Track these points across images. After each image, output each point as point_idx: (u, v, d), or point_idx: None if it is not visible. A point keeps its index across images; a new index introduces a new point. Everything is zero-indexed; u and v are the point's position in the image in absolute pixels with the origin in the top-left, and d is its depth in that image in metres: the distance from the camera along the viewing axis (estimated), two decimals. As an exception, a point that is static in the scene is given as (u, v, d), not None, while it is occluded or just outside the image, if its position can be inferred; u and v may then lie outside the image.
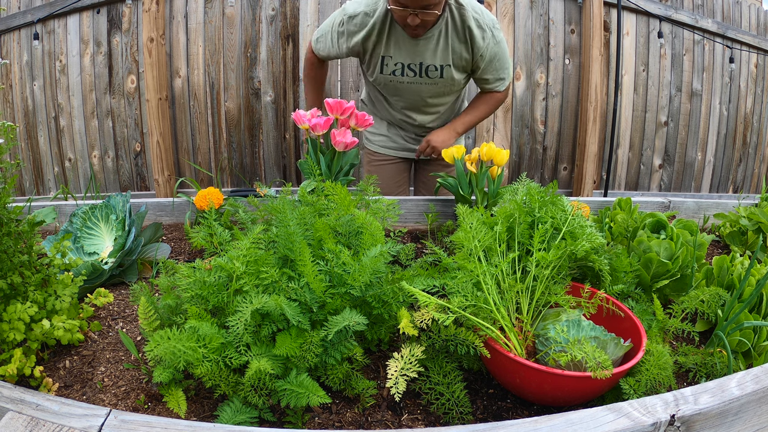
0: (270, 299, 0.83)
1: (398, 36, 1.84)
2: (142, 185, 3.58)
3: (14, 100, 3.53)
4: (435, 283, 0.99)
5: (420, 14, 1.68)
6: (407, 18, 1.71)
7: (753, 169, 4.25)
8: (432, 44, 1.84)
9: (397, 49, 1.87)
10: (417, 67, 1.91)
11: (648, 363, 0.90)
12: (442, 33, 1.83)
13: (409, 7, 1.67)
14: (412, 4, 1.66)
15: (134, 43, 3.34)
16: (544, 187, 1.16)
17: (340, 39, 1.93)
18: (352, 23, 1.87)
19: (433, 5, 1.67)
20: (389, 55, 1.90)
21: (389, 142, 2.21)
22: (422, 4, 1.66)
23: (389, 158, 2.23)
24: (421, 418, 0.89)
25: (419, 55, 1.87)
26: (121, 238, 1.35)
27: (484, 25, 1.83)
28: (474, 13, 1.81)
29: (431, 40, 1.83)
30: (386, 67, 1.92)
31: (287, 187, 1.45)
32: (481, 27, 1.82)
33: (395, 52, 1.89)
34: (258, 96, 3.41)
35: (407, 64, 1.90)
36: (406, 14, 1.70)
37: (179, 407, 0.85)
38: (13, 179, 0.96)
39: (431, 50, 1.86)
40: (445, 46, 1.85)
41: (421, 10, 1.67)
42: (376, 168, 2.24)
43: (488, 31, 1.84)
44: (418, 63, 1.89)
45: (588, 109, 3.52)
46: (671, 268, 1.20)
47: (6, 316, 0.90)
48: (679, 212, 2.01)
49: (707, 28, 3.79)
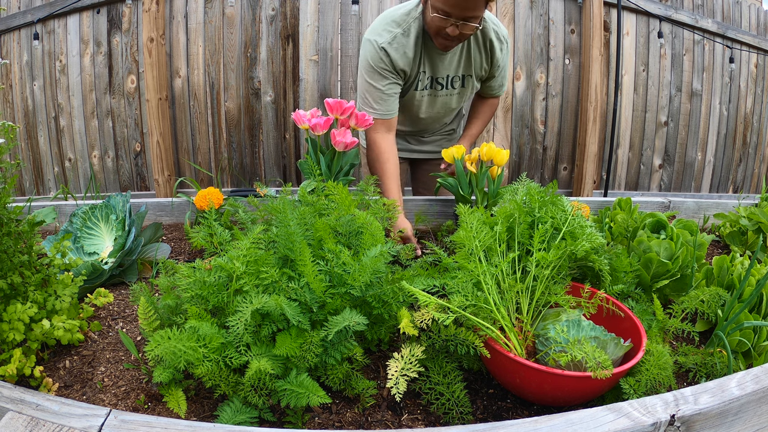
0: (270, 299, 0.83)
1: (430, 50, 1.80)
2: (142, 185, 3.58)
3: (14, 100, 3.53)
4: (435, 283, 0.99)
5: (461, 26, 1.63)
6: (447, 29, 1.64)
7: (753, 169, 4.25)
8: (457, 56, 1.83)
9: (430, 63, 1.84)
10: (444, 80, 1.89)
11: (648, 363, 0.90)
12: (465, 44, 1.82)
13: (452, 17, 1.61)
14: (458, 14, 1.60)
15: (134, 43, 3.34)
16: (544, 187, 1.16)
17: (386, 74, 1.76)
18: (393, 48, 1.73)
19: (476, 18, 1.63)
20: (423, 70, 1.84)
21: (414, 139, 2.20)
22: (466, 15, 1.61)
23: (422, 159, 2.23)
24: (421, 418, 0.89)
25: (446, 68, 1.85)
26: (121, 238, 1.35)
27: (502, 37, 1.84)
28: (494, 25, 1.81)
29: (456, 51, 1.82)
30: (420, 83, 1.86)
31: (287, 187, 1.45)
32: (500, 39, 1.83)
33: (428, 67, 1.84)
34: (258, 96, 3.41)
35: (436, 78, 1.87)
36: (446, 25, 1.63)
37: (179, 407, 0.85)
38: (13, 179, 0.96)
39: (456, 62, 1.85)
40: (468, 57, 1.84)
41: (463, 22, 1.62)
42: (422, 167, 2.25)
43: (505, 43, 1.86)
44: (445, 76, 1.87)
45: (588, 109, 3.52)
46: (671, 268, 1.20)
47: (6, 316, 0.89)
48: (679, 212, 2.01)
49: (707, 28, 3.78)
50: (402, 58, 1.74)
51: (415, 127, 2.09)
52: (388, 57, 1.73)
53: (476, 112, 2.08)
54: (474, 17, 1.62)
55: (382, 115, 1.75)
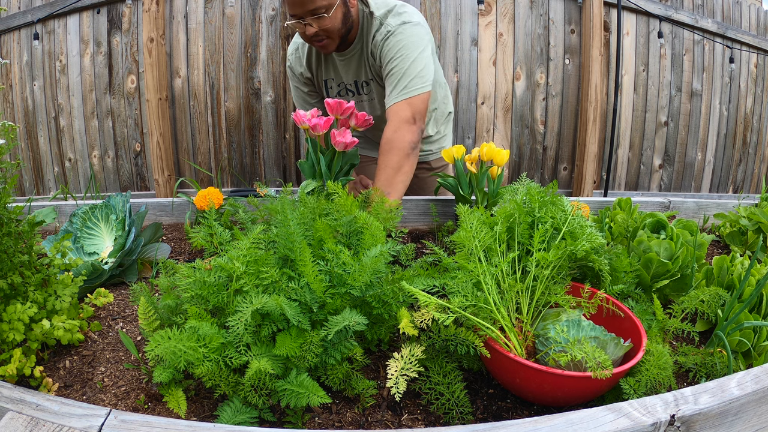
0: (270, 299, 0.83)
1: (332, 57, 1.80)
2: (142, 185, 3.58)
3: (14, 100, 3.53)
4: (435, 283, 0.99)
5: (314, 22, 1.59)
6: (304, 31, 1.62)
7: (753, 169, 4.25)
8: (355, 59, 1.78)
9: (335, 70, 1.83)
10: (353, 86, 1.85)
11: (648, 363, 0.90)
12: (362, 44, 1.75)
13: (298, 17, 1.58)
14: (299, 11, 1.56)
15: (134, 43, 3.34)
16: (544, 187, 1.16)
17: (294, 80, 1.92)
18: (294, 57, 1.88)
19: (320, 9, 1.55)
20: (332, 77, 1.87)
21: (364, 143, 2.17)
22: (306, 9, 1.55)
23: (371, 159, 2.19)
24: (421, 418, 0.89)
25: (352, 73, 1.81)
26: (121, 238, 1.35)
27: (386, 23, 1.75)
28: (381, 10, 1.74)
29: (354, 54, 1.78)
30: (331, 90, 1.90)
31: (287, 187, 1.45)
32: (382, 23, 1.74)
33: (334, 74, 1.86)
34: (258, 96, 3.41)
35: (346, 85, 1.86)
36: (302, 27, 1.61)
37: (179, 407, 0.85)
38: (13, 179, 0.96)
39: (355, 65, 1.79)
40: (366, 57, 1.76)
41: (312, 18, 1.57)
42: (359, 168, 2.22)
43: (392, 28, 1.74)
44: (353, 81, 1.83)
45: (588, 109, 3.52)
46: (671, 268, 1.20)
47: (6, 317, 0.89)
48: (679, 212, 2.01)
49: (707, 28, 3.78)
50: (300, 64, 1.86)
51: (367, 132, 2.08)
52: (290, 64, 1.90)
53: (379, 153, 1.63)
54: (317, 9, 1.55)
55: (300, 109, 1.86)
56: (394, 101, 1.61)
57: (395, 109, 1.60)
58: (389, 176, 1.54)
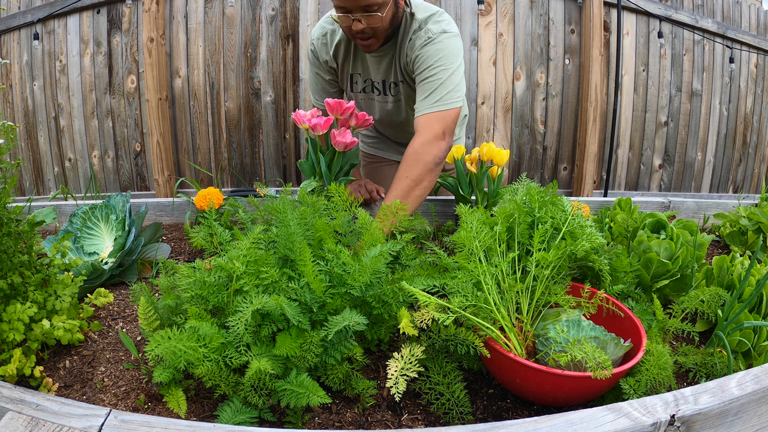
0: (270, 299, 0.83)
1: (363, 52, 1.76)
2: (142, 185, 3.58)
3: (14, 100, 3.53)
4: (435, 283, 0.99)
5: (364, 19, 1.53)
6: (351, 26, 1.56)
7: (753, 169, 4.25)
8: (387, 59, 1.73)
9: (363, 66, 1.78)
10: (381, 86, 1.81)
11: (648, 363, 0.90)
12: (397, 45, 1.71)
13: (349, 11, 1.52)
14: (351, 5, 1.50)
15: (134, 43, 3.34)
16: (544, 187, 1.16)
17: (315, 66, 1.82)
18: (320, 43, 1.78)
19: (372, 6, 1.50)
20: (359, 72, 1.81)
21: (380, 144, 2.18)
22: (360, 5, 1.50)
23: (384, 160, 2.20)
24: (421, 418, 0.89)
25: (381, 72, 1.77)
26: (121, 238, 1.35)
27: (428, 29, 1.71)
28: (422, 14, 1.70)
29: (387, 53, 1.73)
30: (355, 84, 1.84)
31: (287, 187, 1.45)
32: (421, 29, 1.71)
33: (362, 69, 1.80)
34: (258, 96, 3.41)
35: (373, 82, 1.81)
36: (349, 22, 1.55)
37: (179, 407, 0.85)
38: (13, 179, 0.96)
39: (386, 65, 1.75)
40: (398, 58, 1.72)
41: (363, 14, 1.52)
42: (371, 170, 2.23)
43: (433, 35, 1.71)
44: (381, 81, 1.79)
45: (588, 109, 3.52)
46: (671, 268, 1.20)
47: (6, 317, 0.90)
48: (679, 212, 2.01)
49: (707, 28, 3.78)
50: (326, 50, 1.79)
51: (387, 132, 2.07)
52: (314, 48, 1.81)
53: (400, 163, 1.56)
54: (370, 5, 1.50)
55: (316, 102, 1.91)
56: (426, 111, 1.57)
57: (427, 120, 1.57)
58: (407, 187, 1.49)
